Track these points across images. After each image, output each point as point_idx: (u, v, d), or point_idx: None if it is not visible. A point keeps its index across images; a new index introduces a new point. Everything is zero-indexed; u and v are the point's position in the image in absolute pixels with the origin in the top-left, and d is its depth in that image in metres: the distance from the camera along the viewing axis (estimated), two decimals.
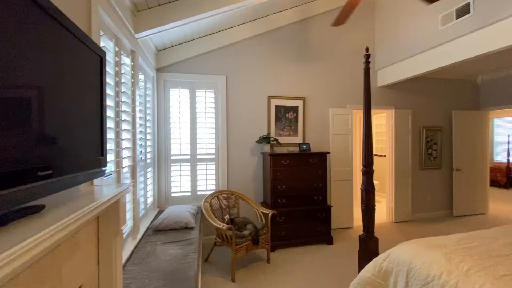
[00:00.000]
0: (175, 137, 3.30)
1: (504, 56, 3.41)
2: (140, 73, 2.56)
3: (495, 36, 2.50)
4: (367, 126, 1.84)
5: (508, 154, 7.38)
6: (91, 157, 1.01)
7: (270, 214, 2.87)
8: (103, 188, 1.19)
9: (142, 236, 2.42)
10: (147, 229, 2.57)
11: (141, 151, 2.55)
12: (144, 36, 2.46)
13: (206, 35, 3.36)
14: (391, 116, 4.25)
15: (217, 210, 3.04)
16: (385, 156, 4.60)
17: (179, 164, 3.31)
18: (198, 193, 3.36)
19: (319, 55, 3.87)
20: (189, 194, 3.35)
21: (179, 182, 3.32)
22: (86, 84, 0.99)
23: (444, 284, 1.26)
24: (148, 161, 2.85)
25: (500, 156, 8.10)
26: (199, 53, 3.37)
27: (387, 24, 3.84)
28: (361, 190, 1.82)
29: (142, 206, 2.61)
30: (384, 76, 4.03)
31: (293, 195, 3.29)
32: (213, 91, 3.44)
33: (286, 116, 3.73)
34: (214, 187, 3.43)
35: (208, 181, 3.41)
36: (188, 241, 2.30)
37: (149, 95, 2.94)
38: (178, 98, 3.32)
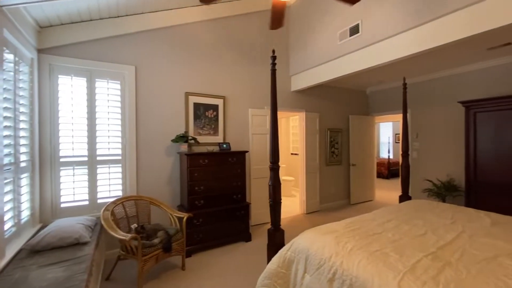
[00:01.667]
0: (66, 135, 2.71)
1: (383, 72, 4.24)
2: (7, 50, 1.98)
3: (376, 53, 3.05)
4: (273, 125, 1.91)
5: (389, 151, 9.34)
6: None
7: (185, 218, 2.70)
8: None
9: (10, 261, 1.87)
10: (19, 252, 2.00)
11: (8, 153, 1.97)
12: (13, 4, 1.91)
13: (110, 18, 2.91)
14: (302, 118, 4.69)
15: (122, 219, 2.66)
16: (298, 154, 5.05)
17: (71, 167, 2.74)
18: (99, 201, 2.86)
19: (240, 56, 3.92)
20: (86, 203, 2.81)
21: (72, 190, 2.75)
22: None
23: (332, 265, 1.41)
24: (23, 164, 2.24)
25: (384, 153, 10.19)
26: (101, 36, 2.89)
27: (299, 34, 4.21)
28: (269, 185, 1.89)
29: (10, 223, 2.02)
30: (297, 82, 4.41)
31: (212, 195, 3.21)
32: (119, 82, 3.00)
33: (206, 114, 3.61)
34: (120, 193, 2.99)
35: (112, 187, 2.95)
36: (76, 260, 1.90)
37: (24, 81, 2.31)
38: (71, 87, 2.75)
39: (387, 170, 8.78)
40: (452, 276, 1.19)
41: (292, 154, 7.00)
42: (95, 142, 2.84)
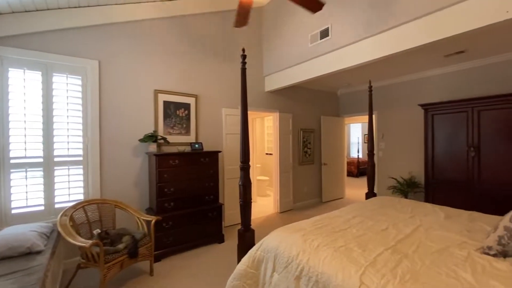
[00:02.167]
0: (17, 134, 2.46)
1: (352, 75, 4.44)
2: None
3: (344, 57, 3.17)
4: (244, 124, 1.90)
5: (358, 151, 9.80)
6: None
7: (153, 221, 2.58)
8: None
9: None
10: None
11: None
12: None
13: (70, 7, 2.70)
14: (276, 118, 4.74)
15: (83, 224, 2.48)
16: (272, 154, 5.10)
17: (23, 169, 2.49)
18: (57, 206, 2.64)
19: (214, 55, 3.86)
20: (42, 208, 2.58)
21: (25, 194, 2.50)
22: None
23: (299, 262, 1.43)
24: None
25: (354, 153, 10.67)
26: (59, 27, 2.67)
27: (273, 35, 4.25)
28: (239, 185, 1.87)
29: None
30: (270, 82, 4.45)
31: (183, 197, 3.11)
32: (80, 77, 2.79)
33: (176, 113, 3.49)
34: (81, 197, 2.79)
35: (72, 190, 2.73)
36: (28, 271, 1.73)
37: None
38: (23, 82, 2.50)
39: (357, 169, 9.21)
40: (408, 268, 1.26)
41: (267, 154, 7.05)
42: (52, 142, 2.62)
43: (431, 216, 2.08)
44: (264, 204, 5.38)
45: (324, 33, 3.33)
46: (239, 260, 1.83)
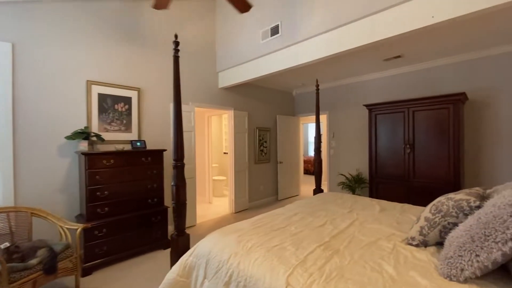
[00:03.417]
0: None
1: (304, 75, 4.52)
2: None
3: (294, 55, 3.18)
4: (177, 118, 1.74)
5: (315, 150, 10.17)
6: None
7: (78, 230, 2.24)
8: None
9: None
10: None
11: None
12: None
13: None
14: (231, 116, 4.62)
15: None
16: (227, 153, 4.96)
17: None
18: None
19: (160, 45, 3.57)
20: None
21: None
22: None
23: (230, 267, 1.32)
24: None
25: (311, 152, 11.09)
26: None
27: (226, 30, 4.11)
28: (172, 186, 1.70)
29: None
30: (224, 78, 4.31)
31: (120, 200, 2.80)
32: None
33: (115, 108, 3.14)
34: None
35: None
36: None
37: None
38: None
39: (314, 167, 9.54)
40: (336, 264, 1.24)
41: (225, 153, 6.89)
42: None
43: (368, 210, 2.15)
44: (220, 204, 5.22)
45: (275, 30, 3.30)
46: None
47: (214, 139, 6.24)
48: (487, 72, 3.46)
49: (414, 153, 3.61)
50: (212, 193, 5.47)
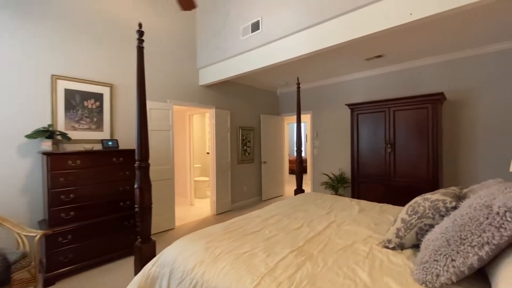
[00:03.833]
0: None
1: (287, 74, 4.45)
2: None
3: (275, 52, 3.09)
4: (140, 115, 1.60)
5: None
6: None
7: (37, 237, 2.05)
8: None
9: None
10: None
11: None
12: None
13: None
14: (212, 115, 4.48)
15: None
16: (208, 153, 4.82)
17: None
18: None
19: (135, 40, 3.38)
20: None
21: None
22: None
23: (194, 277, 1.21)
24: None
25: None
26: None
27: (207, 25, 3.97)
28: (135, 188, 1.56)
29: None
30: (204, 75, 4.16)
31: (89, 204, 2.61)
32: None
33: (84, 104, 2.94)
34: None
35: None
36: None
37: None
38: None
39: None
40: (308, 271, 1.15)
41: (207, 153, 6.72)
42: None
43: (347, 210, 2.09)
44: (202, 206, 5.06)
45: (255, 26, 3.21)
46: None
47: (196, 138, 6.06)
48: (466, 73, 3.52)
49: (395, 153, 3.62)
50: (193, 195, 5.30)
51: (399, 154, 3.60)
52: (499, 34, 2.98)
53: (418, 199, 1.39)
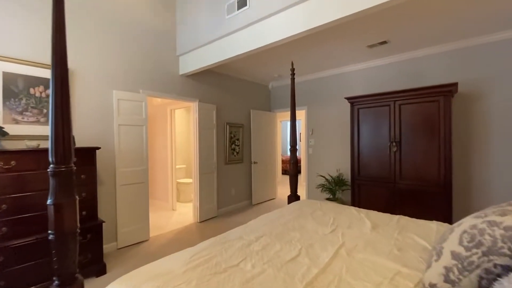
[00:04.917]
0: None
1: (278, 63, 3.96)
2: None
3: (264, 32, 2.60)
4: (61, 104, 1.06)
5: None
6: None
7: None
8: None
9: None
10: None
11: None
12: None
13: None
14: (195, 109, 3.95)
15: None
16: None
17: None
18: None
19: (104, 19, 2.83)
20: None
21: None
22: None
23: None
24: None
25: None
26: None
27: (188, 5, 3.43)
28: (48, 205, 1.04)
29: None
30: (185, 63, 3.63)
31: (29, 217, 2.06)
32: None
33: (30, 92, 2.38)
34: None
35: None
36: None
37: None
38: None
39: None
40: None
41: None
42: None
43: (356, 227, 1.62)
44: (185, 211, 4.53)
45: (242, 2, 2.70)
46: None
47: (181, 136, 5.51)
48: (480, 62, 3.11)
49: (401, 152, 3.20)
50: (176, 199, 4.76)
51: (405, 153, 3.18)
52: None
53: (476, 222, 0.92)
